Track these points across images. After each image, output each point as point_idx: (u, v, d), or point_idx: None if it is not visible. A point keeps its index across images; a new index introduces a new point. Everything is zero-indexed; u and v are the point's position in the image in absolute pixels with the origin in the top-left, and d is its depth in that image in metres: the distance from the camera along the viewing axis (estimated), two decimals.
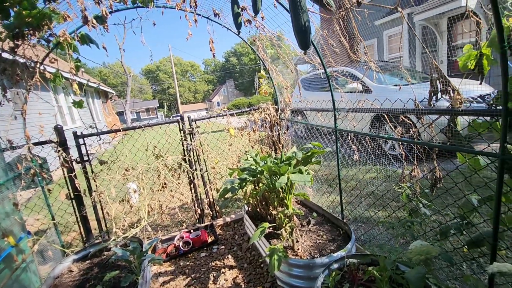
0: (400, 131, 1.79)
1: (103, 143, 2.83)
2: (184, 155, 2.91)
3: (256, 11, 1.64)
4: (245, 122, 3.31)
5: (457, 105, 1.23)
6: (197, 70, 70.96)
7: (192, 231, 2.91)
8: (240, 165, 2.71)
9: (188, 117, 2.99)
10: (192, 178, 2.97)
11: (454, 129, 1.33)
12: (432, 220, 2.44)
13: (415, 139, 1.61)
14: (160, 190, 2.84)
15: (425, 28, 8.47)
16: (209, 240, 2.81)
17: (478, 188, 1.48)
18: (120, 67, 35.14)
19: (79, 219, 2.52)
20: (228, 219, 3.18)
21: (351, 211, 3.01)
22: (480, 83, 1.24)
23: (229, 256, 2.55)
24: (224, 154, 3.30)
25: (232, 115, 3.18)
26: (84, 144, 2.51)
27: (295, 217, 2.14)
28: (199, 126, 3.00)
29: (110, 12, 2.00)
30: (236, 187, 2.16)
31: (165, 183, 2.85)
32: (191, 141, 2.94)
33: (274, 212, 2.19)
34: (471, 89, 3.09)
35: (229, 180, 2.29)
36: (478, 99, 3.40)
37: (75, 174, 2.38)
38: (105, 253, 2.35)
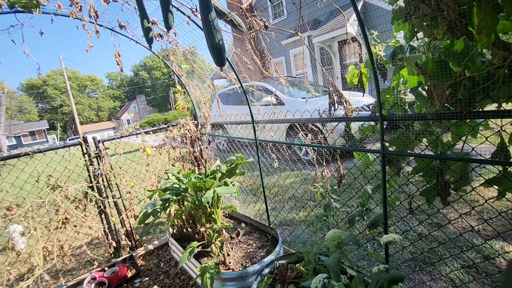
0: (310, 138, 2.05)
1: None
2: (91, 182, 2.52)
3: (168, 27, 1.61)
4: (163, 140, 3.12)
5: (350, 113, 1.50)
6: (99, 85, 62.94)
7: (107, 268, 2.50)
8: (161, 186, 2.52)
9: (94, 138, 2.62)
10: (103, 207, 2.58)
11: (349, 133, 1.61)
12: (342, 212, 2.85)
13: (322, 144, 1.86)
14: (60, 228, 2.35)
15: (322, 49, 10.04)
16: (130, 274, 2.47)
17: (371, 179, 1.83)
18: None
19: None
20: (150, 247, 2.89)
21: (276, 216, 3.20)
22: (363, 95, 1.56)
23: (155, 287, 2.30)
24: (141, 176, 3.01)
25: (147, 133, 2.96)
26: None
27: (224, 231, 2.12)
28: (108, 148, 2.66)
29: None
30: (158, 209, 2.00)
31: (66, 218, 2.37)
32: (98, 165, 2.57)
33: (202, 230, 2.12)
34: (360, 100, 3.82)
35: (150, 203, 2.10)
36: (366, 107, 4.24)
37: None
38: None
